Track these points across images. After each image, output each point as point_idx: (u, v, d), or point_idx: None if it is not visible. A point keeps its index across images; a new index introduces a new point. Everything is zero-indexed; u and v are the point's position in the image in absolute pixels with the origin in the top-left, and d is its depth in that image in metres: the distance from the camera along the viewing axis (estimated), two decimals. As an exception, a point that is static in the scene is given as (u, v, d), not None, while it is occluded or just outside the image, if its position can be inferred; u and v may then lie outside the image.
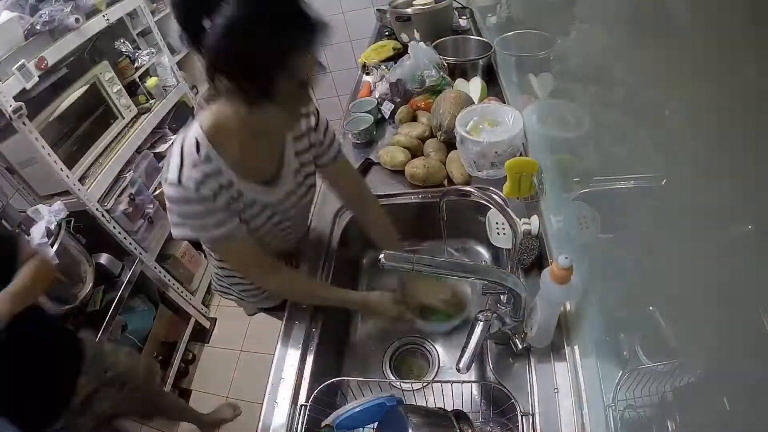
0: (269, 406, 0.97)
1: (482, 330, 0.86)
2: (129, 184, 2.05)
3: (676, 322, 0.56)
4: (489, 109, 1.34)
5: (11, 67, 1.53)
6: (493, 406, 0.96)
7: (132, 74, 2.23)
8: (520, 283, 0.84)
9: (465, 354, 0.84)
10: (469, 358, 0.83)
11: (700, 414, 0.51)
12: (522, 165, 1.08)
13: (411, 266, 0.76)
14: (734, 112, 0.41)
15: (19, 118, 1.52)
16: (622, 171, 0.71)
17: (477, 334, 0.85)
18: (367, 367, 1.22)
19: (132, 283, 2.01)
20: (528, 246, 1.08)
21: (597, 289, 0.84)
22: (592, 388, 0.80)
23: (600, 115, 0.79)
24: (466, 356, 0.83)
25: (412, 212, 1.39)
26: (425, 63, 1.66)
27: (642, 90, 0.62)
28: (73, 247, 1.75)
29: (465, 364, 0.83)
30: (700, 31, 0.45)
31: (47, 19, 1.66)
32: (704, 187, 0.48)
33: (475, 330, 0.86)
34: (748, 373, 0.42)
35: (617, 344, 0.73)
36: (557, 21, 0.98)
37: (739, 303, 0.42)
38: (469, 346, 0.84)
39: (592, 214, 0.84)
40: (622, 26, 0.66)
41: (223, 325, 2.63)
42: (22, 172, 1.81)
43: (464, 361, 0.83)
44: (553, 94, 1.09)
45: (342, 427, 0.89)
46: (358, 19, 3.08)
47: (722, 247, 0.45)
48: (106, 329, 1.81)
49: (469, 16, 2.34)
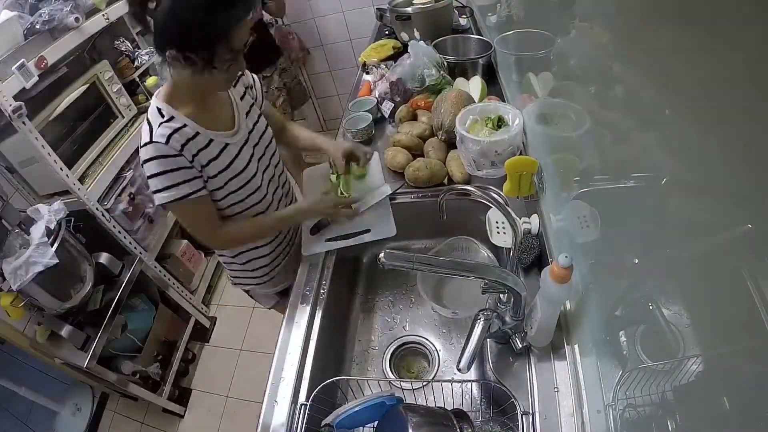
0: (269, 405, 0.97)
1: (482, 329, 0.86)
2: (129, 184, 2.05)
3: (676, 321, 0.56)
4: (489, 108, 1.34)
5: (11, 67, 1.53)
6: (493, 405, 0.96)
7: (132, 73, 2.23)
8: (520, 282, 0.84)
9: (465, 353, 0.83)
10: (470, 357, 0.83)
11: (700, 413, 0.51)
12: (522, 164, 1.08)
13: (411, 265, 0.76)
14: (734, 109, 0.41)
15: (18, 118, 1.52)
16: (622, 170, 0.71)
17: (477, 333, 0.85)
18: (367, 366, 1.22)
19: (132, 282, 2.01)
20: (528, 245, 1.09)
21: (597, 288, 0.84)
22: (592, 387, 0.80)
23: (600, 114, 0.79)
24: (466, 355, 0.83)
25: (412, 211, 1.39)
26: (425, 62, 1.66)
27: (642, 89, 0.62)
28: (72, 246, 1.75)
29: (465, 363, 0.83)
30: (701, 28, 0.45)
31: (47, 18, 1.66)
32: (704, 186, 0.48)
33: (476, 329, 0.86)
34: (749, 372, 0.42)
35: (617, 343, 0.73)
36: (557, 20, 0.98)
37: (740, 302, 0.42)
38: (470, 346, 0.84)
39: (592, 213, 0.84)
40: (622, 24, 0.66)
41: (224, 325, 2.63)
42: (22, 171, 1.81)
43: (464, 360, 0.83)
44: (553, 93, 1.09)
45: (342, 426, 0.89)
46: (357, 18, 3.07)
47: (722, 245, 0.45)
48: (106, 329, 1.81)
49: (469, 15, 2.33)
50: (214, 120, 1.10)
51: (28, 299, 1.61)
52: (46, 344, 1.76)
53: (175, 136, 1.01)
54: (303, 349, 1.07)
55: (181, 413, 2.26)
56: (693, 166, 0.50)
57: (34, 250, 1.52)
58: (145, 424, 2.25)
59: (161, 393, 2.17)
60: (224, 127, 1.12)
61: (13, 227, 1.66)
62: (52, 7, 1.70)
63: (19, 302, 1.60)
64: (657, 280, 0.62)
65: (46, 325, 1.76)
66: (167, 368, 2.26)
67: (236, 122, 1.16)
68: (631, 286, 0.71)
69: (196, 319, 2.50)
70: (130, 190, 2.04)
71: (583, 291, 0.87)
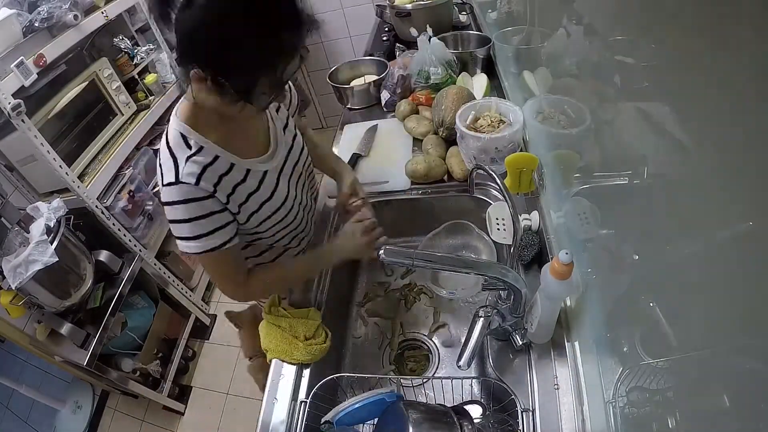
0: (269, 402, 0.97)
1: (482, 326, 0.85)
2: (128, 181, 2.05)
3: (676, 318, 0.56)
4: (489, 104, 1.33)
5: (10, 65, 1.52)
6: (493, 402, 0.96)
7: (131, 71, 2.22)
8: (520, 278, 0.84)
9: (465, 350, 0.83)
10: (470, 354, 0.83)
11: (700, 411, 0.51)
12: (522, 160, 1.08)
13: (411, 261, 0.76)
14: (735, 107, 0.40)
15: (18, 116, 1.52)
16: (622, 166, 0.71)
17: (477, 331, 0.85)
18: (368, 363, 1.22)
19: (132, 280, 2.01)
20: (528, 241, 1.08)
21: (597, 285, 0.83)
22: (593, 384, 0.80)
23: (600, 110, 0.79)
24: (466, 353, 0.83)
25: (412, 208, 1.39)
26: (432, 59, 1.64)
27: (642, 86, 0.62)
28: (72, 244, 1.75)
29: (465, 360, 0.82)
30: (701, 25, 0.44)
31: (46, 15, 1.65)
32: (705, 182, 0.47)
33: (476, 326, 0.86)
34: (749, 370, 0.42)
35: (618, 340, 0.73)
36: (556, 16, 0.97)
37: (741, 299, 0.42)
38: (470, 343, 0.84)
39: (592, 209, 0.84)
40: (622, 21, 0.65)
41: (224, 322, 2.61)
42: (22, 169, 1.81)
43: (465, 357, 0.83)
44: (553, 89, 1.09)
45: (342, 423, 0.89)
46: (357, 14, 3.07)
47: (723, 242, 0.45)
48: (106, 326, 1.81)
49: (469, 12, 2.33)
50: (248, 144, 0.93)
51: (28, 297, 1.61)
52: (46, 342, 1.76)
53: (207, 175, 0.82)
54: (303, 346, 1.06)
55: (182, 410, 2.26)
56: (694, 162, 0.50)
57: (33, 248, 1.51)
58: (146, 422, 2.26)
59: (161, 390, 2.17)
60: (260, 149, 0.96)
61: (13, 225, 1.66)
62: (51, 4, 1.69)
63: (19, 300, 1.60)
64: (657, 277, 0.62)
65: (46, 323, 1.76)
66: (167, 366, 2.26)
67: (274, 142, 0.99)
68: (632, 282, 0.71)
69: (196, 317, 2.50)
70: (129, 187, 2.04)
71: (583, 288, 0.87)
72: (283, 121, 1.04)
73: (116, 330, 2.02)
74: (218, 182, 0.85)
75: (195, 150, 0.83)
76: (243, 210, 0.92)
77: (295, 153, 1.07)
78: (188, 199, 0.83)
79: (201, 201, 0.84)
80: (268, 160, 0.97)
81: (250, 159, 0.92)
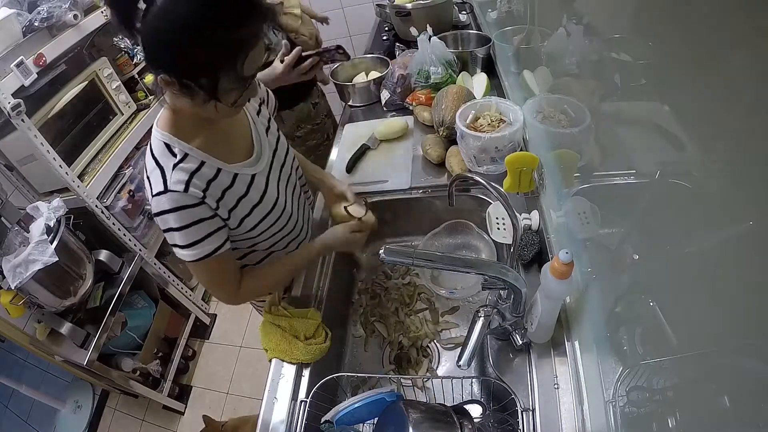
0: (269, 401, 0.97)
1: (482, 326, 0.85)
2: (128, 181, 2.05)
3: (676, 318, 0.56)
4: (490, 104, 1.33)
5: (10, 64, 1.52)
6: (493, 402, 0.96)
7: (131, 70, 2.22)
8: (520, 278, 0.84)
9: (465, 350, 0.83)
10: (470, 353, 0.83)
11: (700, 411, 0.51)
12: (522, 160, 1.08)
13: (411, 260, 0.76)
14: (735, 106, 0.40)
15: (17, 115, 1.51)
16: (622, 166, 0.71)
17: (477, 330, 0.85)
18: (367, 362, 1.22)
19: (132, 279, 2.01)
20: (528, 241, 1.08)
21: (597, 284, 0.83)
22: (593, 384, 0.80)
23: (600, 109, 0.79)
24: (466, 352, 0.83)
25: (412, 207, 1.39)
26: (432, 59, 1.64)
27: (642, 85, 0.62)
28: (72, 243, 1.75)
29: (466, 359, 0.82)
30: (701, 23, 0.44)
31: (45, 15, 1.65)
32: (705, 182, 0.47)
33: (476, 326, 0.86)
34: (749, 370, 0.42)
35: (618, 340, 0.73)
36: (557, 15, 0.97)
37: (741, 299, 0.42)
38: (470, 342, 0.84)
39: (593, 209, 0.84)
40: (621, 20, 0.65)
41: (223, 322, 2.63)
42: (21, 169, 1.81)
43: (465, 356, 0.83)
44: (553, 88, 1.08)
45: (342, 423, 0.89)
46: (357, 14, 3.06)
47: (723, 241, 0.45)
48: (106, 326, 1.81)
49: (469, 11, 2.33)
50: (232, 148, 0.93)
51: (28, 297, 1.61)
52: (46, 342, 1.76)
53: (195, 181, 0.83)
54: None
55: (182, 410, 2.27)
56: (694, 161, 0.50)
57: (33, 248, 1.52)
58: (146, 421, 2.26)
59: (161, 390, 2.18)
60: (245, 154, 0.96)
61: (13, 225, 1.66)
62: (51, 4, 1.69)
63: (19, 300, 1.60)
64: (657, 277, 0.62)
65: (46, 323, 1.76)
66: (167, 365, 2.26)
67: (258, 145, 0.99)
68: (632, 282, 0.71)
69: (196, 316, 2.50)
70: (129, 187, 2.04)
71: (583, 287, 0.87)
72: (264, 124, 1.05)
73: (116, 330, 2.02)
74: (207, 188, 0.85)
75: (180, 157, 0.83)
76: (233, 215, 0.92)
77: (281, 155, 1.07)
78: (178, 207, 0.83)
79: (191, 208, 0.84)
80: (254, 163, 0.97)
81: (235, 164, 0.93)
